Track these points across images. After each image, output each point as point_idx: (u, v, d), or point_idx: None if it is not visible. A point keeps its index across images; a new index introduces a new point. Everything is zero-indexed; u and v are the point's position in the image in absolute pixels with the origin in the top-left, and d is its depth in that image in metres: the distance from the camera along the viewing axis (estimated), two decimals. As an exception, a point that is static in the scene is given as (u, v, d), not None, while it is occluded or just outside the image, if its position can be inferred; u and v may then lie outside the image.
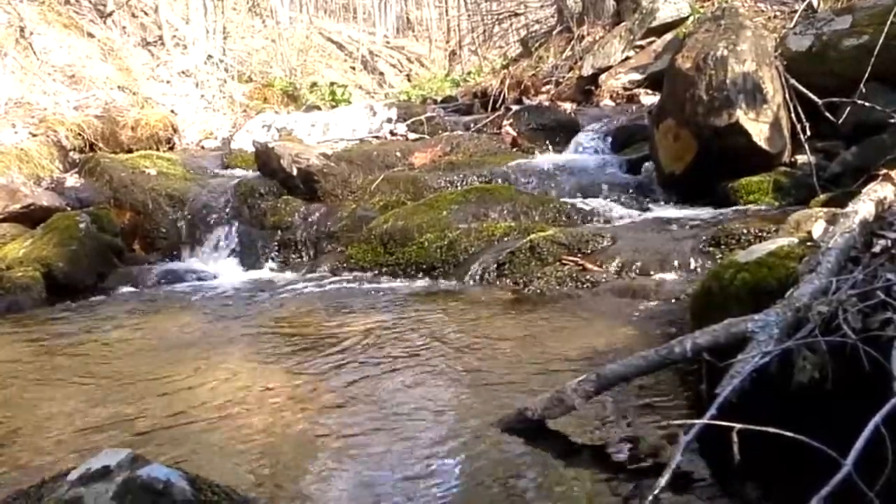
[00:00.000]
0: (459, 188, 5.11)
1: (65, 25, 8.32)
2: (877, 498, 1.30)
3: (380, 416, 2.19)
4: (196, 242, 5.25)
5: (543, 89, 8.46)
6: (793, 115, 4.50)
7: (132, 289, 4.51)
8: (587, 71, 8.06)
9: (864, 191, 2.26)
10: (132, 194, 5.50)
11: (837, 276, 1.85)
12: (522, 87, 8.29)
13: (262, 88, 10.05)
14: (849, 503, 1.30)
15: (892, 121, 4.09)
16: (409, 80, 16.94)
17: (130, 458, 1.36)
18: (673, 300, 3.16)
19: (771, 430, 1.42)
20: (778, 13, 7.03)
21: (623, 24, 8.27)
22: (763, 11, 7.12)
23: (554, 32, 9.72)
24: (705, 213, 4.36)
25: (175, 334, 3.35)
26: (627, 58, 7.92)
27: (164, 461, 1.45)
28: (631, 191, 5.04)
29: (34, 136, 6.24)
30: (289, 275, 4.61)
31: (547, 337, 2.87)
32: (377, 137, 7.02)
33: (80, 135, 6.53)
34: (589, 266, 3.66)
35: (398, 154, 6.02)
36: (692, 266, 3.51)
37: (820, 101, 4.33)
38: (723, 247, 3.53)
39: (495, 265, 3.91)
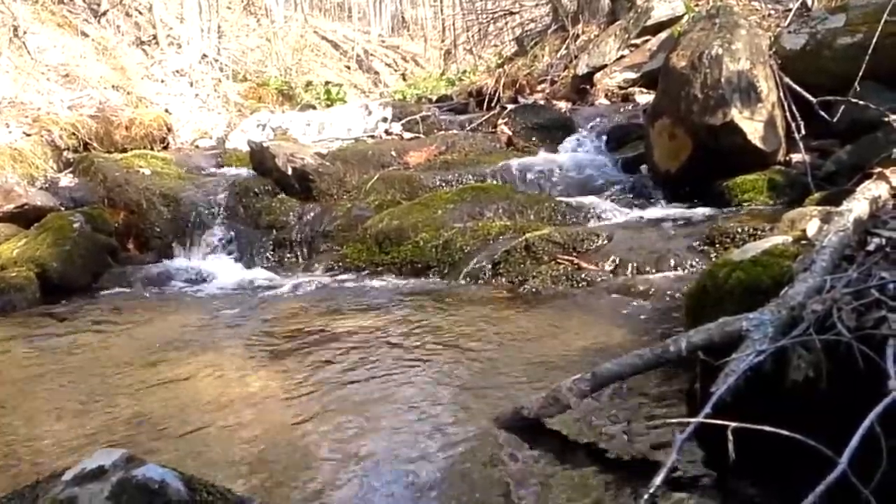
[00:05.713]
0: (455, 187, 5.11)
1: (59, 24, 8.29)
2: (872, 496, 1.30)
3: (375, 415, 2.19)
4: (191, 242, 5.23)
5: (538, 88, 8.44)
6: (787, 113, 4.51)
7: (126, 289, 4.50)
8: (582, 70, 8.05)
9: (858, 189, 2.26)
10: (126, 194, 5.47)
11: (832, 274, 1.85)
12: (517, 85, 8.28)
13: (257, 88, 10.03)
14: (844, 501, 1.31)
15: (887, 119, 4.09)
16: (404, 79, 16.91)
17: (125, 458, 1.36)
18: (668, 299, 3.16)
19: (766, 428, 1.43)
20: (772, 12, 7.02)
21: (618, 22, 8.26)
22: (757, 10, 7.11)
23: (549, 31, 9.70)
24: (700, 211, 4.37)
25: (169, 334, 3.34)
26: (622, 56, 7.91)
27: (159, 461, 1.45)
28: (626, 190, 5.04)
29: (28, 135, 6.21)
30: (284, 274, 4.60)
31: (542, 336, 2.87)
32: (372, 137, 7.02)
33: (74, 134, 6.49)
34: (584, 265, 3.66)
35: (393, 153, 6.02)
36: (687, 265, 3.51)
37: (814, 100, 4.33)
38: (717, 245, 3.53)
39: (490, 264, 3.92)
